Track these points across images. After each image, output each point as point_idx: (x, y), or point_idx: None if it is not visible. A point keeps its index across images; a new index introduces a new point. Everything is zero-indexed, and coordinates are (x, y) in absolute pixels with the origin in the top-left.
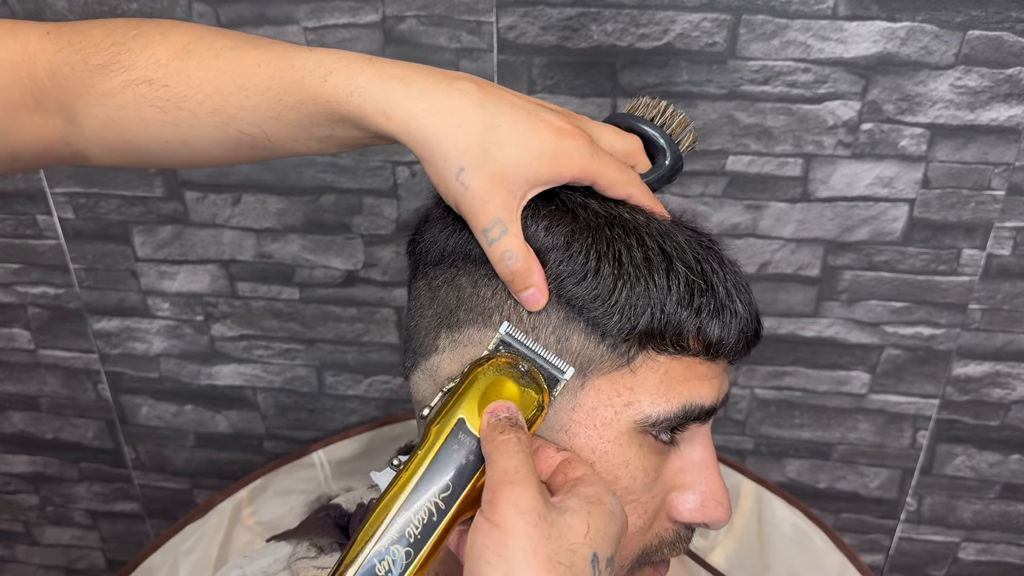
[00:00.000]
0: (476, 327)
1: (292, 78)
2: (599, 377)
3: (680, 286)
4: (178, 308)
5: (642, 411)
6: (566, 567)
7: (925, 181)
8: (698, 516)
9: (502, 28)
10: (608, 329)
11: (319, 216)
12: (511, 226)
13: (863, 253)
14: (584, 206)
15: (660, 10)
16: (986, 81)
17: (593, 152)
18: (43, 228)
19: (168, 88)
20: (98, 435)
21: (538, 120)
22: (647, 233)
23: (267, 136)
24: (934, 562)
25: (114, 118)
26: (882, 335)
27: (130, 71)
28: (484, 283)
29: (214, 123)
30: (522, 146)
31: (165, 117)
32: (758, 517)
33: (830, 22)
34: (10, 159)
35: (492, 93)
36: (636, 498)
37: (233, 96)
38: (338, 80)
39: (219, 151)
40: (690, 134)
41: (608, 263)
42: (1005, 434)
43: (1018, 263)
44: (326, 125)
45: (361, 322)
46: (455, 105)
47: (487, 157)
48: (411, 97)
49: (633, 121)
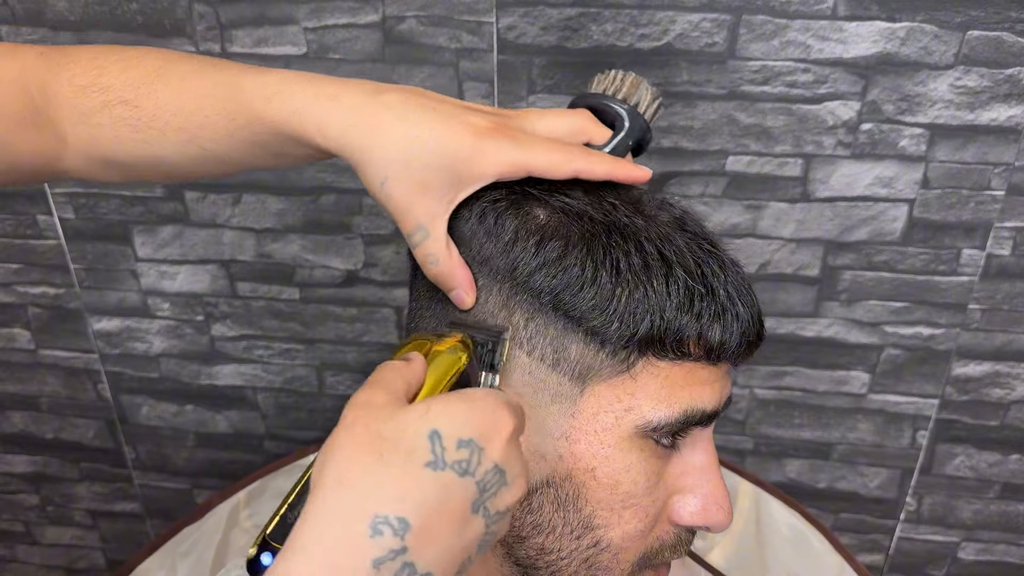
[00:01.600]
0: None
1: (242, 99)
2: (599, 384)
3: (680, 291)
4: (178, 308)
5: (643, 416)
6: (391, 441)
7: (925, 181)
8: (699, 520)
9: (502, 28)
10: (607, 337)
11: (319, 216)
12: (433, 231)
13: (863, 253)
14: (580, 215)
15: (660, 10)
16: (986, 81)
17: (516, 145)
18: (43, 228)
19: (140, 108)
20: (98, 435)
21: (457, 124)
22: (646, 238)
23: (227, 152)
24: (934, 562)
25: (95, 136)
26: (882, 335)
27: (107, 92)
28: (477, 287)
29: (180, 140)
30: (439, 152)
31: (137, 136)
32: (756, 518)
33: (830, 22)
34: (9, 172)
35: (415, 103)
36: (637, 502)
37: (194, 116)
38: (280, 101)
39: (188, 166)
40: (647, 92)
41: (605, 271)
42: (1005, 434)
43: (1018, 263)
44: (275, 143)
45: (361, 322)
46: (378, 119)
47: (407, 167)
48: (341, 115)
49: (587, 99)
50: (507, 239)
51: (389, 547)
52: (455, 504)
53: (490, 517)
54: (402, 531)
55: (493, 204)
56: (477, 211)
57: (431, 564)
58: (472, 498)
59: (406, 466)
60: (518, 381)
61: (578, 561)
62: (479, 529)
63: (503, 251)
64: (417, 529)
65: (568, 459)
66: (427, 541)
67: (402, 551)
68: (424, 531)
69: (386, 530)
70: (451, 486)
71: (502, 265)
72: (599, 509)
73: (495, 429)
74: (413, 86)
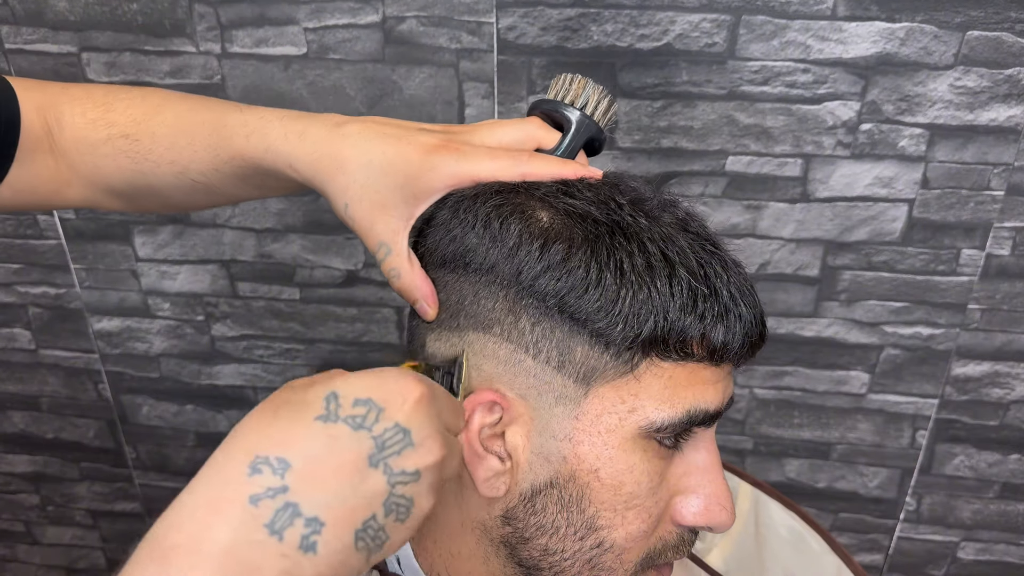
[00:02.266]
0: (477, 333)
1: (224, 135)
2: (603, 385)
3: (683, 292)
4: (179, 308)
5: (646, 417)
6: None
7: (924, 181)
8: (702, 520)
9: (502, 28)
10: (612, 338)
11: (319, 216)
12: (394, 247)
13: (862, 253)
14: (584, 216)
15: (660, 11)
16: (985, 81)
17: (460, 157)
18: (44, 228)
19: (139, 142)
20: (99, 435)
21: (406, 144)
22: (648, 239)
23: (214, 184)
24: (933, 562)
25: (99, 165)
26: (881, 335)
27: (112, 127)
28: (484, 293)
29: (172, 172)
30: (391, 173)
31: (135, 167)
32: (755, 519)
33: (829, 23)
34: (29, 194)
35: (371, 131)
36: (640, 503)
37: (185, 150)
38: (257, 139)
39: (180, 196)
40: (594, 92)
41: (610, 272)
42: (1004, 434)
43: (1017, 263)
44: (256, 177)
45: (361, 322)
46: (339, 150)
47: (364, 191)
48: (306, 150)
49: (540, 105)
50: (511, 244)
51: (268, 484)
52: (347, 455)
53: (393, 475)
54: (282, 470)
55: (497, 209)
56: (482, 217)
57: (319, 508)
58: (368, 452)
59: (295, 417)
60: (522, 384)
61: (581, 562)
62: (380, 485)
63: (508, 256)
64: (300, 471)
65: (572, 460)
66: (313, 485)
67: (282, 490)
68: (309, 474)
69: (265, 469)
70: (342, 437)
71: (507, 270)
72: (603, 510)
73: (398, 393)
74: (378, 116)
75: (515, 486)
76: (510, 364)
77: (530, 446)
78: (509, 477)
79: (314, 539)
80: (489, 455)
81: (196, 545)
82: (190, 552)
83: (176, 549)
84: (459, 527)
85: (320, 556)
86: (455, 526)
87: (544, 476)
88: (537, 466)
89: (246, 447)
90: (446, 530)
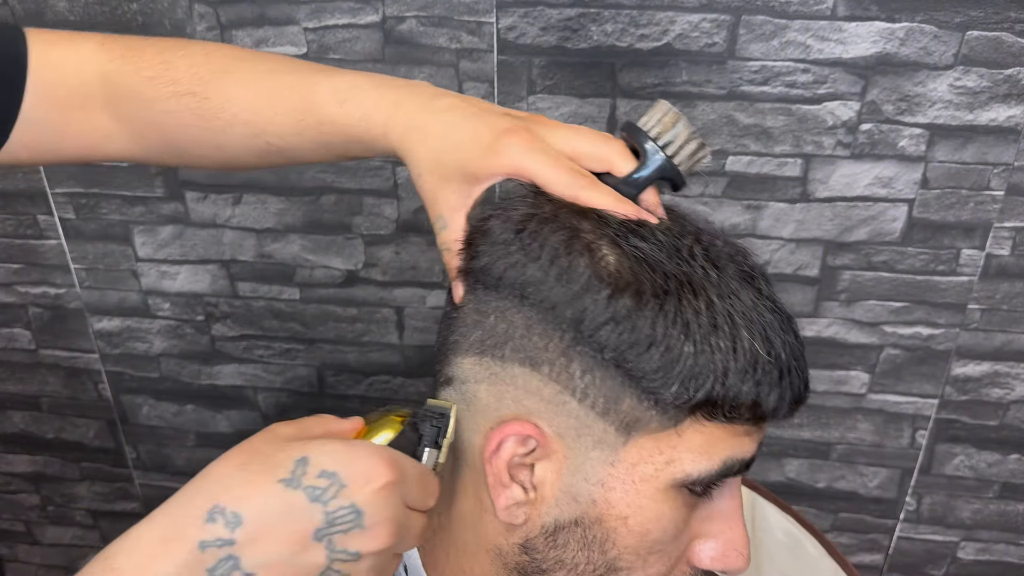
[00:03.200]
0: (523, 368)
1: (314, 101)
2: (643, 436)
3: (743, 358)
4: (179, 308)
5: (683, 470)
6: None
7: (924, 181)
8: (718, 565)
9: (502, 29)
10: (663, 397)
11: (319, 216)
12: (451, 222)
13: (862, 253)
14: (653, 266)
15: (660, 11)
16: (985, 81)
17: (530, 151)
18: (44, 228)
19: (208, 100)
20: (99, 435)
21: (482, 123)
22: (717, 295)
23: (291, 148)
24: (933, 562)
25: (158, 121)
26: (881, 335)
27: (176, 85)
28: (538, 331)
29: (245, 133)
30: (463, 150)
31: (203, 124)
32: (751, 523)
33: (829, 23)
34: (56, 153)
35: (457, 106)
36: (663, 548)
37: (264, 112)
38: (351, 107)
39: (249, 157)
40: (682, 133)
41: (674, 333)
42: (1004, 434)
43: (1017, 263)
44: (342, 144)
45: (361, 322)
46: (424, 122)
47: (437, 163)
48: (400, 120)
49: (628, 128)
50: (577, 288)
51: (218, 535)
52: (296, 524)
53: (335, 552)
54: (234, 524)
55: (566, 245)
56: (548, 250)
57: (257, 566)
58: (317, 525)
59: (261, 475)
60: (562, 423)
61: None
62: (319, 560)
63: (572, 299)
64: (250, 529)
65: (601, 504)
66: (257, 545)
67: (229, 543)
68: (256, 534)
69: (220, 519)
70: (296, 506)
71: (569, 314)
72: (625, 553)
73: (365, 474)
74: None
75: (537, 518)
76: (553, 403)
77: (559, 483)
78: (530, 508)
79: None
80: (514, 484)
81: (139, 573)
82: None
83: (121, 572)
84: (474, 547)
85: None
86: (470, 546)
87: (570, 514)
88: (564, 503)
89: (210, 493)
90: (460, 548)
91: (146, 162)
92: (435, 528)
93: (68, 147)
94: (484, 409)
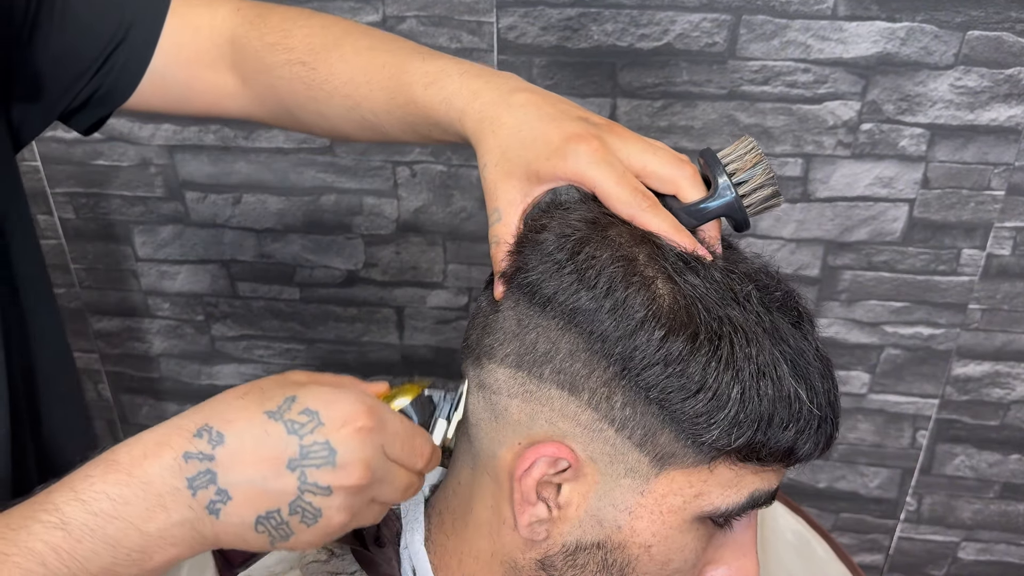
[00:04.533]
0: (561, 391)
1: (405, 82)
2: (675, 469)
3: (785, 408)
4: (179, 308)
5: (711, 503)
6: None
7: (925, 181)
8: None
9: (502, 28)
10: (702, 440)
11: (319, 216)
12: (506, 216)
13: (863, 253)
14: (709, 307)
15: (660, 10)
16: (986, 81)
17: (597, 161)
18: (44, 228)
19: (316, 71)
20: (99, 435)
21: (555, 125)
22: (770, 342)
23: (383, 124)
24: (934, 562)
25: (274, 86)
26: (882, 335)
27: (291, 52)
28: (582, 358)
29: (344, 106)
30: (531, 148)
31: (309, 93)
32: (760, 522)
33: (830, 22)
34: (183, 105)
35: (534, 103)
36: (681, 575)
37: (361, 88)
38: (435, 91)
39: (348, 127)
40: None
41: (723, 382)
42: (1004, 434)
43: (1018, 263)
44: (424, 125)
45: (361, 322)
46: (499, 115)
47: (503, 157)
48: (476, 108)
49: (706, 155)
50: (631, 325)
51: (201, 449)
52: (271, 451)
53: (305, 483)
54: (216, 443)
55: (625, 279)
56: (604, 279)
57: (230, 484)
58: (291, 455)
59: (252, 406)
60: (596, 449)
61: None
62: (290, 487)
63: (624, 335)
64: (230, 449)
65: (626, 531)
66: (234, 464)
67: (209, 458)
68: (234, 455)
69: (205, 436)
70: (274, 435)
71: (618, 350)
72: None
73: (343, 416)
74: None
75: (558, 536)
76: (590, 429)
77: (586, 505)
78: (551, 526)
79: (219, 507)
80: (539, 503)
81: (130, 468)
82: (123, 471)
83: (117, 464)
84: (488, 557)
85: (220, 522)
86: (483, 554)
87: (593, 537)
88: (588, 525)
89: (205, 413)
90: (472, 555)
91: (264, 122)
92: (448, 532)
93: (196, 101)
94: (514, 424)
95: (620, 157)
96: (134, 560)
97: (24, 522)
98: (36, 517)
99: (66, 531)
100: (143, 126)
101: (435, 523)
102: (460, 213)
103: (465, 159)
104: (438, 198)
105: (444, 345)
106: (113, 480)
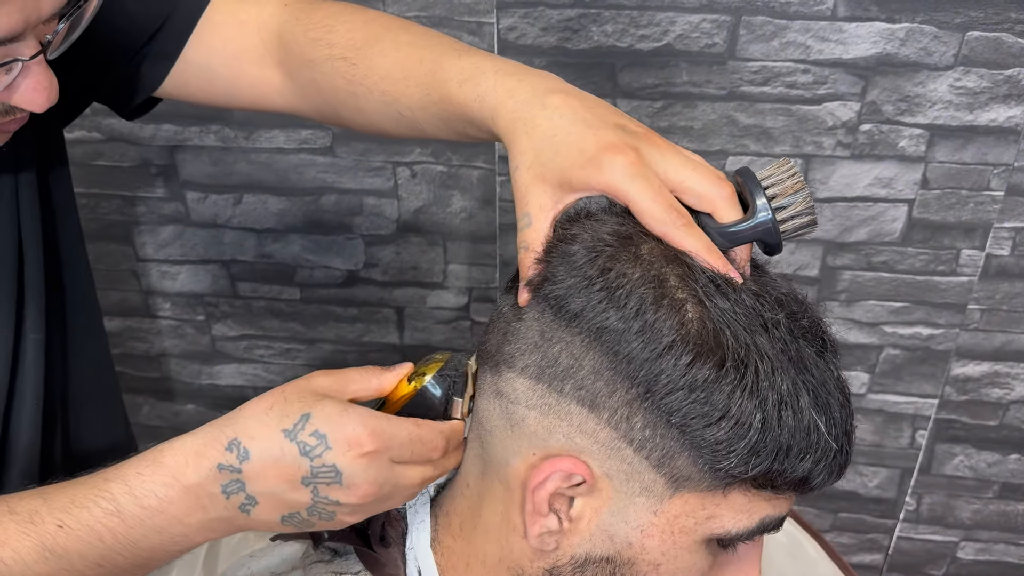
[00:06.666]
0: (580, 408)
1: (440, 78)
2: (690, 492)
3: (807, 438)
4: (179, 308)
5: (723, 526)
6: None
7: (924, 182)
8: None
9: (502, 29)
10: (720, 467)
11: (320, 216)
12: (536, 222)
13: (862, 253)
14: (736, 333)
15: (660, 11)
16: (985, 82)
17: (632, 175)
18: None
19: (356, 67)
20: None
21: (591, 133)
22: (795, 370)
23: (419, 120)
24: (933, 561)
25: (316, 80)
26: (881, 335)
27: (333, 48)
28: (605, 377)
29: (382, 101)
30: (565, 155)
31: (349, 88)
32: None
33: (829, 23)
34: (229, 99)
35: (570, 107)
36: None
37: (399, 83)
38: (469, 88)
39: (386, 123)
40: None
41: (746, 408)
42: (1004, 434)
43: (1017, 263)
44: (459, 122)
45: (361, 322)
46: (533, 116)
47: (536, 160)
48: (509, 108)
49: (745, 174)
50: (658, 348)
51: (231, 463)
52: (288, 469)
53: (319, 496)
54: (243, 458)
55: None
56: (634, 300)
57: (257, 493)
58: (304, 473)
59: (273, 422)
60: (612, 466)
61: None
62: (305, 498)
63: (651, 358)
64: (254, 464)
65: (636, 548)
66: (258, 477)
67: (237, 470)
68: (258, 469)
69: (235, 450)
70: (288, 454)
71: (643, 373)
72: None
73: (348, 441)
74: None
75: (568, 548)
76: (607, 447)
77: (597, 520)
78: (561, 537)
79: (249, 508)
80: (551, 514)
81: (175, 473)
82: (169, 475)
83: (163, 467)
84: (495, 562)
85: (251, 519)
86: (491, 560)
87: (603, 551)
88: (599, 540)
89: (236, 426)
90: (479, 559)
91: (309, 117)
92: (455, 534)
93: (241, 96)
94: (530, 435)
95: (657, 171)
96: (177, 543)
97: (86, 503)
98: (96, 502)
99: (120, 518)
100: (143, 126)
101: (442, 524)
102: (460, 213)
103: (465, 159)
104: (438, 198)
105: (444, 345)
106: (160, 481)
